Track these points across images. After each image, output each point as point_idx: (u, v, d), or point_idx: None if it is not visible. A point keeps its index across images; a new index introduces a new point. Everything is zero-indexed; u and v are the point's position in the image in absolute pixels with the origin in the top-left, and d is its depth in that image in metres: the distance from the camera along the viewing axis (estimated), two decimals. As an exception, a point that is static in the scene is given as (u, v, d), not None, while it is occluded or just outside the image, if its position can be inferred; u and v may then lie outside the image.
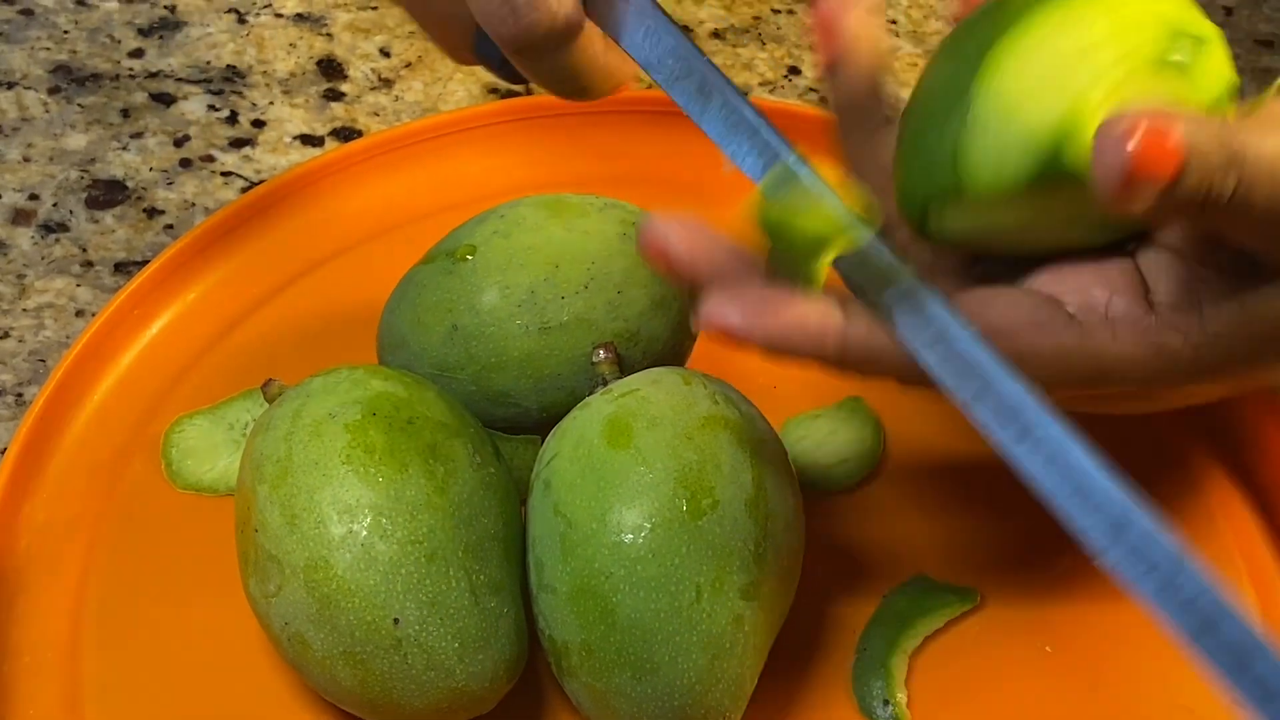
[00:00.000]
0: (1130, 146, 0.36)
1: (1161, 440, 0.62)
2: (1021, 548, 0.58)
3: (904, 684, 0.54)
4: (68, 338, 0.64)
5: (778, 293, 0.42)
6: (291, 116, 0.74)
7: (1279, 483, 0.60)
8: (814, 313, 0.42)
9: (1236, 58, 0.54)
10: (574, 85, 0.49)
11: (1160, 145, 0.37)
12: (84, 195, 0.70)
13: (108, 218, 0.69)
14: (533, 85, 0.74)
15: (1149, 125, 0.37)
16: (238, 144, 0.73)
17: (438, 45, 0.56)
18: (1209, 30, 0.43)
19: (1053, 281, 0.44)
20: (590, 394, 0.52)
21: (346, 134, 0.73)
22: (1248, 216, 0.39)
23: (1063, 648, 0.55)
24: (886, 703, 0.53)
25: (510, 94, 0.76)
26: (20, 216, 0.69)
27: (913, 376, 0.43)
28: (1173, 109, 0.37)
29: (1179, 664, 0.55)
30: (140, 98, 0.74)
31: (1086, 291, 0.44)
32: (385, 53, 0.78)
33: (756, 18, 0.81)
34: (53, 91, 0.74)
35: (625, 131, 0.72)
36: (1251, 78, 0.77)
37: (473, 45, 0.54)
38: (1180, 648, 0.38)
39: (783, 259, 0.42)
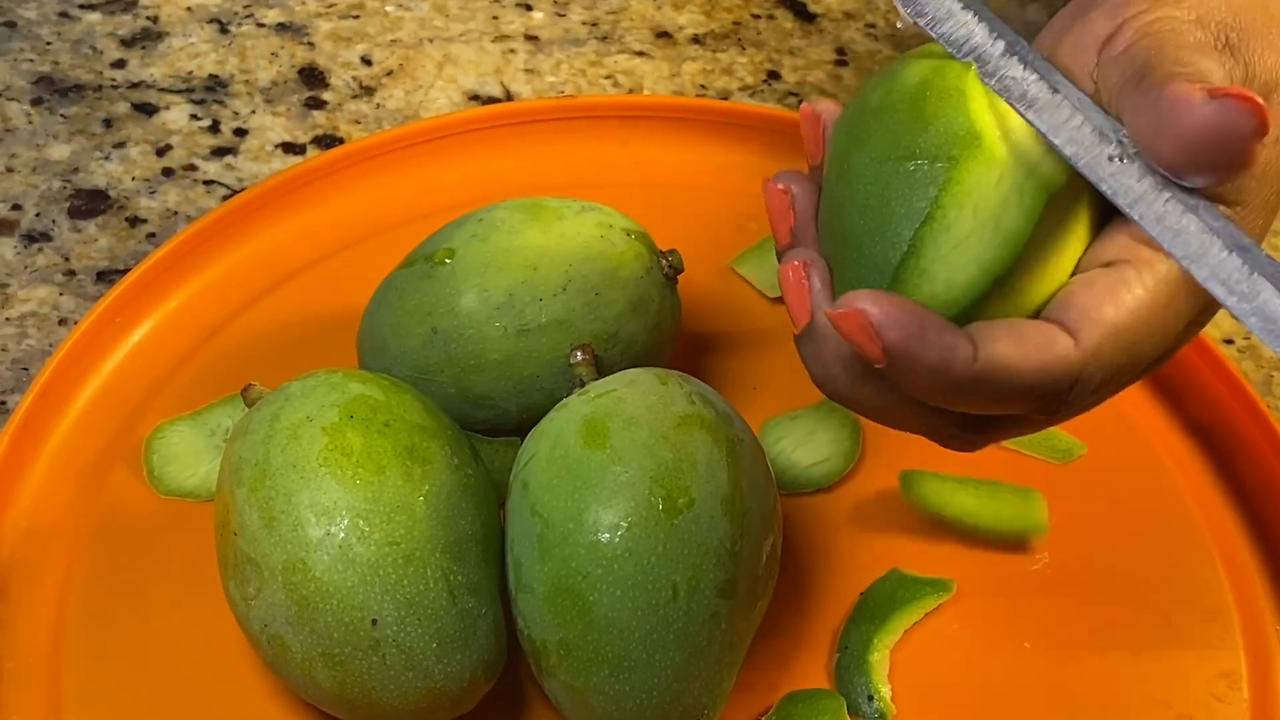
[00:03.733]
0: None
1: (1139, 435, 0.62)
2: (997, 544, 0.58)
3: (887, 678, 0.54)
4: (50, 346, 0.64)
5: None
6: (273, 125, 0.74)
7: (1256, 477, 0.60)
8: (950, 332, 0.40)
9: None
10: None
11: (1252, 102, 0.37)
12: (67, 205, 0.70)
13: (90, 227, 0.69)
14: (512, 90, 0.74)
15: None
16: (220, 153, 0.73)
17: None
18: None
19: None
20: (568, 395, 0.52)
21: (328, 142, 0.74)
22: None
23: (1041, 643, 0.56)
24: (871, 698, 0.53)
25: (490, 100, 0.76)
26: (3, 226, 0.69)
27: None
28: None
29: (1154, 658, 0.56)
30: (123, 108, 0.75)
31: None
32: (366, 61, 0.78)
33: (736, 23, 0.82)
34: (35, 102, 0.75)
35: (603, 137, 0.72)
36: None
37: None
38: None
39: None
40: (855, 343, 0.40)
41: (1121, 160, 0.39)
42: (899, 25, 0.82)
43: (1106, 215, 0.42)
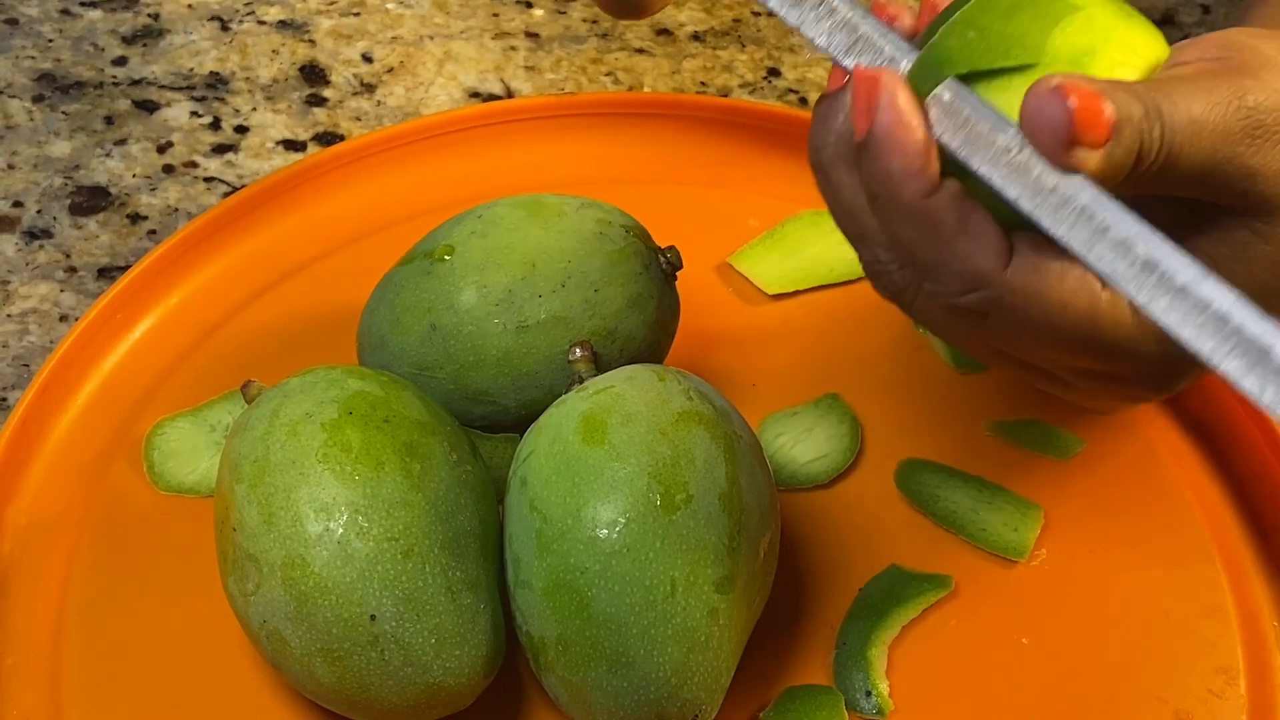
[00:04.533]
0: (1070, 103, 0.38)
1: (1137, 432, 0.62)
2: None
3: (885, 674, 0.54)
4: (51, 342, 0.64)
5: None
6: (274, 122, 0.74)
7: (1254, 473, 0.60)
8: (927, 165, 0.41)
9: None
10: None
11: (1093, 108, 0.38)
12: (68, 202, 0.70)
13: (91, 224, 0.69)
14: (513, 87, 0.74)
15: (1086, 87, 0.38)
16: (221, 150, 0.73)
17: None
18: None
19: None
20: (567, 391, 0.52)
21: (329, 139, 0.74)
22: (1176, 174, 0.40)
23: (1038, 639, 0.56)
24: (869, 693, 0.53)
25: (491, 97, 0.76)
26: (4, 223, 0.69)
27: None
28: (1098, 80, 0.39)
29: (1152, 654, 0.56)
30: (124, 105, 0.75)
31: None
32: (367, 58, 0.78)
33: (736, 20, 0.82)
34: (37, 99, 0.75)
35: (603, 134, 0.72)
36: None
37: None
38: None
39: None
40: (855, 102, 0.41)
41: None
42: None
43: None
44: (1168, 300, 0.37)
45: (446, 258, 0.56)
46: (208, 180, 0.72)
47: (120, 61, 0.77)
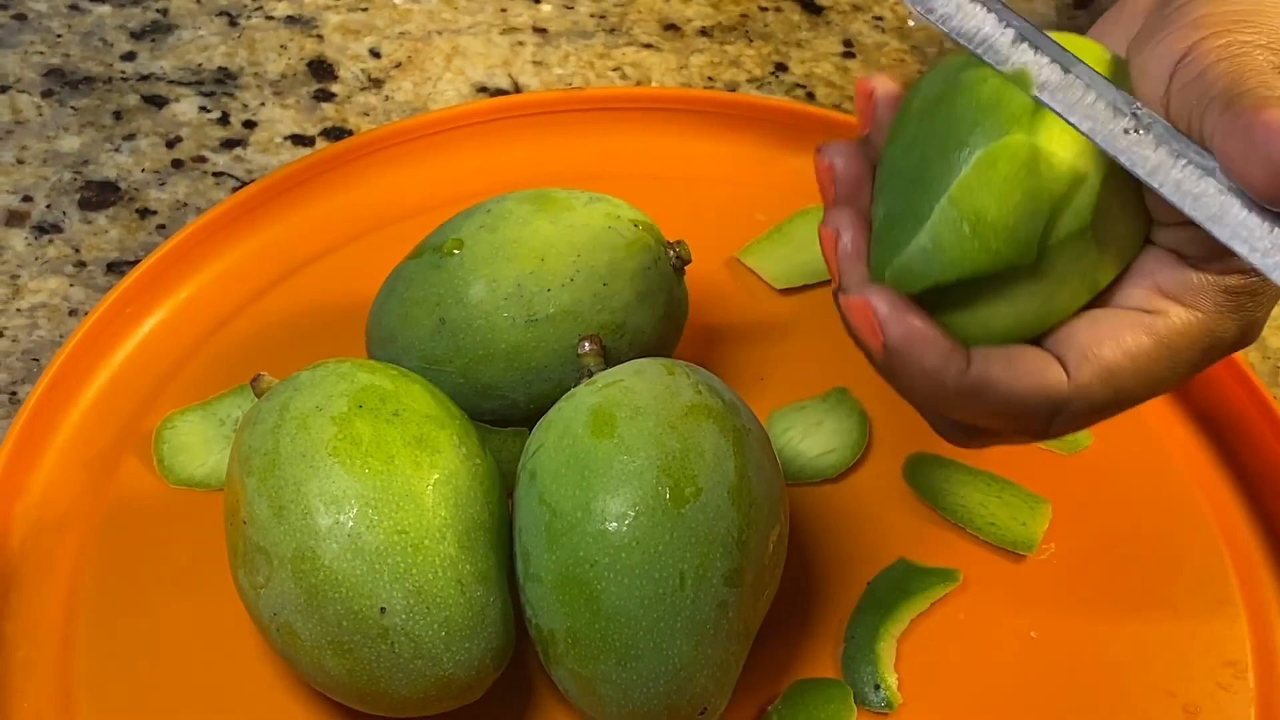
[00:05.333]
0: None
1: (1145, 426, 0.62)
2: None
3: (894, 667, 0.54)
4: (61, 337, 0.64)
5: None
6: (282, 117, 0.75)
7: (1261, 467, 0.60)
8: (948, 343, 0.42)
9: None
10: None
11: None
12: (77, 196, 0.70)
13: (100, 218, 0.69)
14: (520, 82, 0.74)
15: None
16: (229, 145, 0.73)
17: None
18: None
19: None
20: (576, 385, 0.52)
21: (337, 134, 0.74)
22: None
23: (1046, 633, 0.56)
24: (878, 686, 0.53)
25: (499, 92, 0.77)
26: (14, 218, 0.69)
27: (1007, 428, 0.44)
28: None
29: (1160, 648, 0.56)
30: (132, 100, 0.75)
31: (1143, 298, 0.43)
32: (375, 53, 0.78)
33: (744, 15, 0.82)
34: (46, 94, 0.75)
35: (611, 128, 0.72)
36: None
37: None
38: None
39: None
40: (859, 332, 0.42)
41: (1137, 132, 0.40)
42: (910, 23, 0.82)
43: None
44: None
45: (455, 252, 0.56)
46: (216, 175, 0.72)
47: (129, 57, 0.77)
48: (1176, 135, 0.40)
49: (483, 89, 0.77)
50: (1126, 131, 0.40)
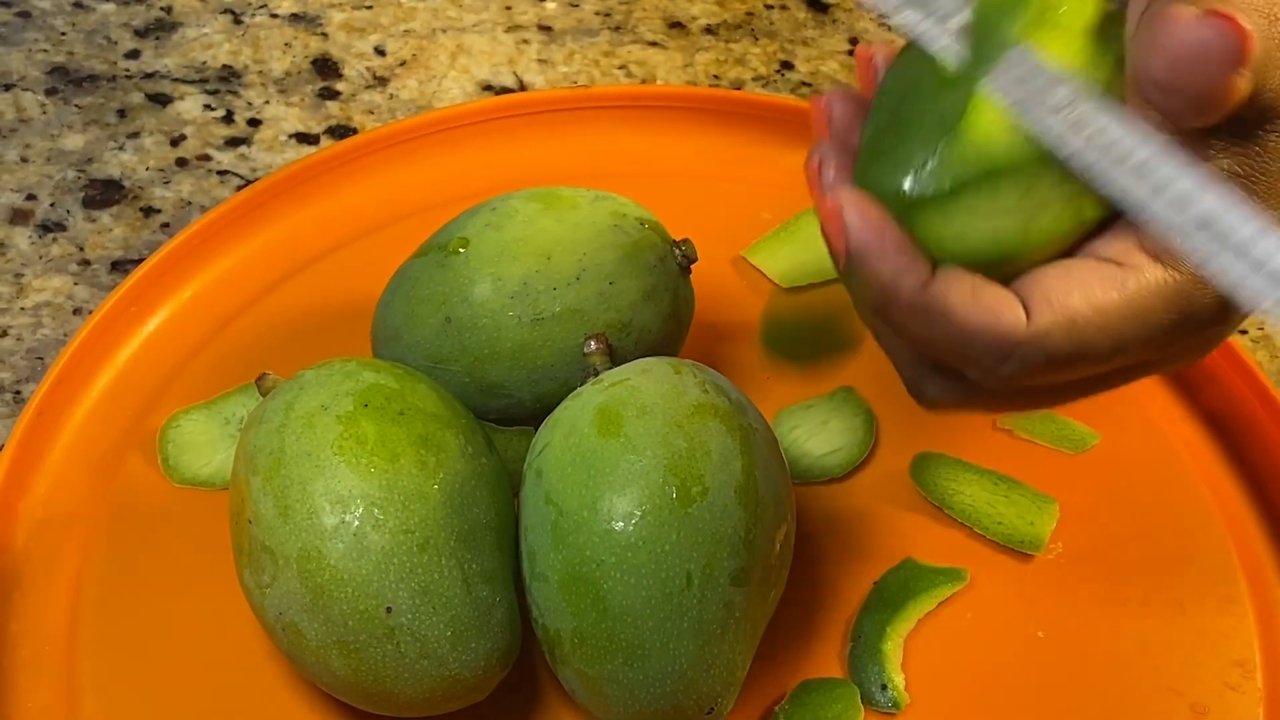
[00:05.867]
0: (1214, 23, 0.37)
1: (1152, 425, 0.62)
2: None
3: (901, 667, 0.54)
4: (65, 335, 0.64)
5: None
6: (287, 115, 0.74)
7: (1269, 466, 0.60)
8: (911, 255, 0.41)
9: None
10: None
11: (1234, 25, 0.37)
12: (81, 195, 0.70)
13: (105, 217, 0.69)
14: (525, 80, 0.74)
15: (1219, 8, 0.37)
16: (234, 143, 0.73)
17: None
18: None
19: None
20: (582, 384, 0.52)
21: (342, 132, 0.74)
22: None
23: (1054, 632, 0.56)
24: (884, 686, 0.53)
25: (504, 91, 0.76)
26: (18, 216, 0.69)
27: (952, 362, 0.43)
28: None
29: (1168, 647, 0.56)
30: (137, 98, 0.75)
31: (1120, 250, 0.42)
32: (380, 51, 0.78)
33: (749, 13, 0.82)
34: (50, 93, 0.75)
35: (617, 127, 0.72)
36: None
37: None
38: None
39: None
40: (826, 232, 0.42)
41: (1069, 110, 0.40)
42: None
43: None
44: (1228, 257, 0.37)
45: (461, 250, 0.56)
46: (221, 173, 0.72)
47: (133, 55, 0.77)
48: (1114, 123, 0.39)
49: (488, 87, 0.77)
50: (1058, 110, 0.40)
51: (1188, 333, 0.42)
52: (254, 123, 0.74)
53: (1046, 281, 0.41)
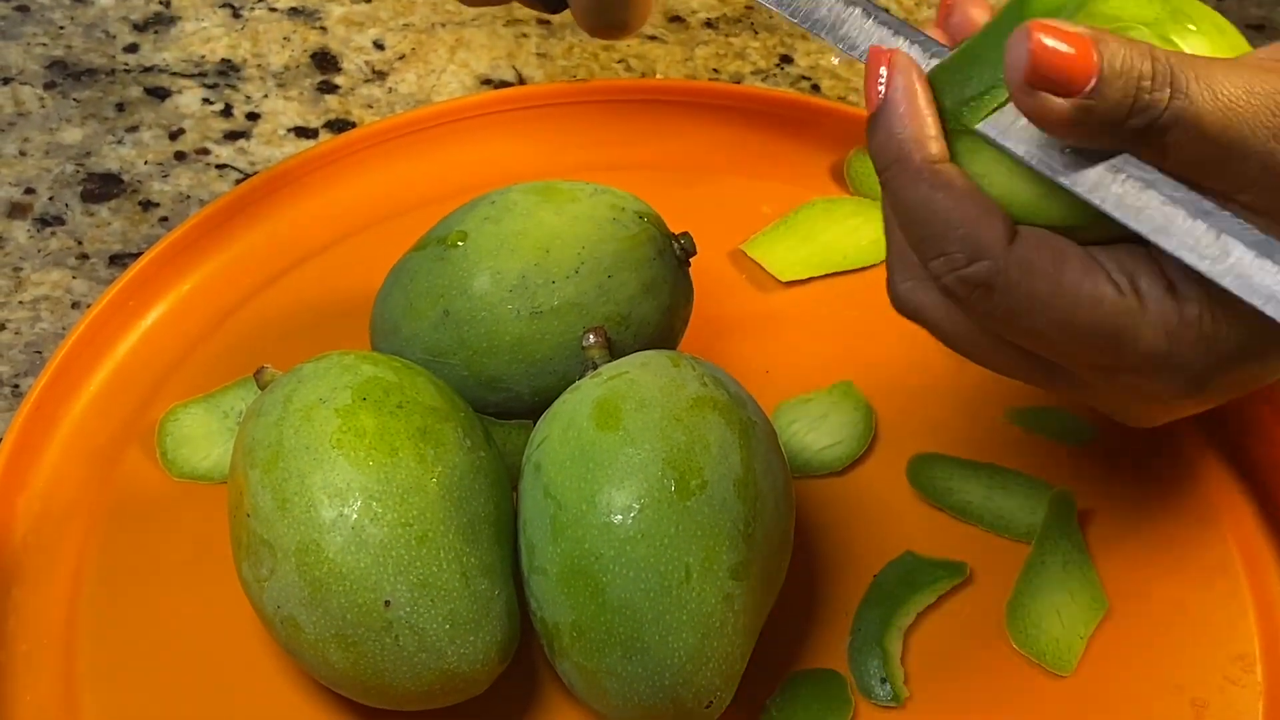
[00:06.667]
0: (1047, 41, 0.38)
1: (1158, 426, 0.62)
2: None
3: (901, 661, 0.54)
4: (64, 329, 0.64)
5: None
6: (286, 109, 0.74)
7: (1270, 460, 0.60)
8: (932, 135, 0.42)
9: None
10: (616, 17, 0.52)
11: (1081, 49, 0.38)
12: (79, 188, 0.70)
13: (103, 211, 0.69)
14: (525, 74, 0.74)
15: (1069, 31, 0.38)
16: (232, 137, 0.73)
17: None
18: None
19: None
20: (580, 377, 0.52)
21: (340, 126, 0.74)
22: (1196, 148, 0.39)
23: (1054, 626, 0.56)
24: (884, 680, 0.53)
25: (503, 84, 0.76)
26: (16, 210, 0.69)
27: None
28: (1100, 31, 0.39)
29: (1168, 642, 0.56)
30: (135, 92, 0.75)
31: (1120, 262, 0.42)
32: (379, 45, 0.78)
33: (749, 7, 0.82)
34: (48, 86, 0.75)
35: (616, 120, 0.72)
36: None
37: None
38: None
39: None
40: (868, 76, 0.43)
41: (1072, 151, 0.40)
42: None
43: None
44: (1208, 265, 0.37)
45: (460, 244, 0.56)
46: (219, 167, 0.71)
47: (132, 49, 0.77)
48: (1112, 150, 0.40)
49: (486, 81, 0.77)
50: (1063, 150, 0.40)
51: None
52: (253, 116, 0.74)
53: (1051, 240, 0.42)
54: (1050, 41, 0.38)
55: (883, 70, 0.43)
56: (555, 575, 0.48)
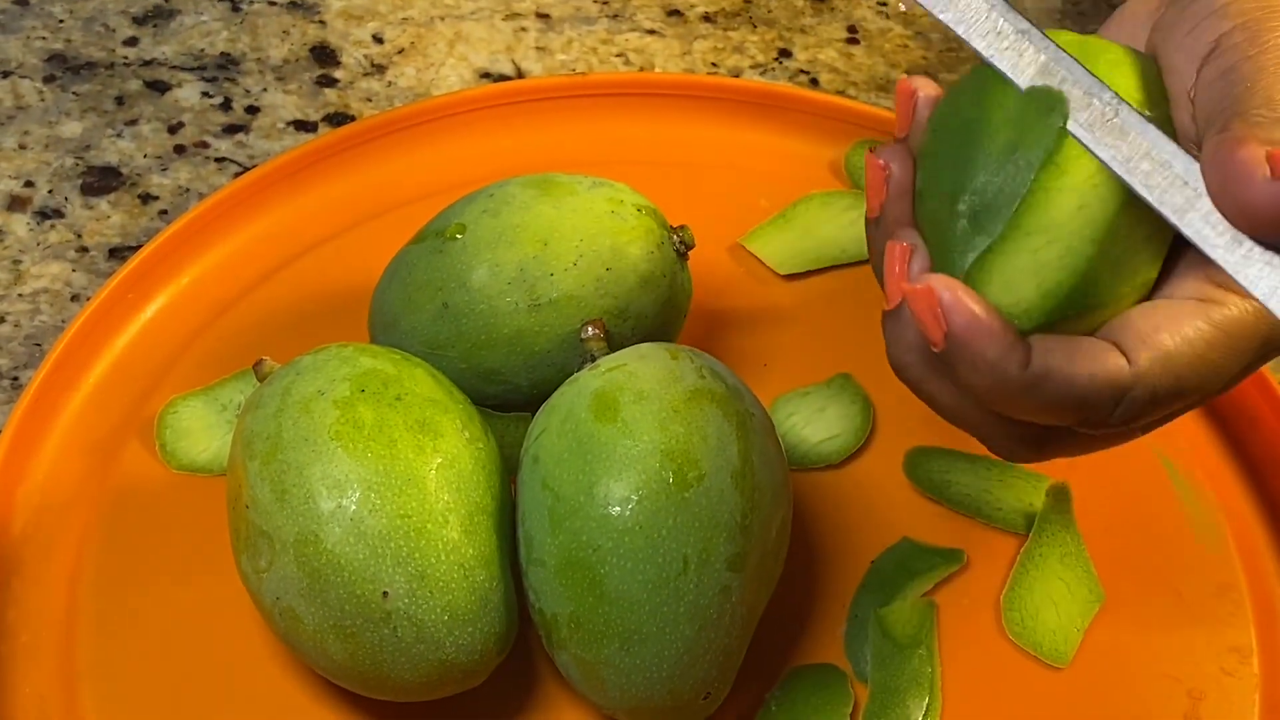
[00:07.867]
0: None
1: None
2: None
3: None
4: (63, 322, 0.64)
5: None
6: (285, 103, 0.74)
7: (1266, 452, 0.60)
8: (1010, 335, 0.41)
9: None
10: None
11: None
12: (79, 182, 0.70)
13: (103, 204, 0.69)
14: (523, 68, 0.74)
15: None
16: (231, 130, 0.73)
17: None
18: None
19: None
20: (579, 370, 0.52)
21: (339, 119, 0.74)
22: None
23: (1051, 618, 0.56)
24: None
25: (501, 78, 0.76)
26: (16, 203, 0.69)
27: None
28: None
29: (1164, 633, 0.56)
30: (135, 85, 0.75)
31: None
32: (378, 39, 0.78)
33: (747, 1, 0.82)
34: (48, 80, 0.75)
35: (614, 114, 0.72)
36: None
37: None
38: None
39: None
40: (921, 322, 0.41)
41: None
42: (901, 6, 0.82)
43: (1173, 256, 0.42)
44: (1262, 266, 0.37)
45: (458, 236, 0.56)
46: (219, 160, 0.72)
47: (131, 42, 0.77)
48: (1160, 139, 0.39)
49: (485, 75, 0.77)
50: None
51: (1267, 357, 0.42)
52: (252, 110, 0.74)
53: (1136, 324, 0.41)
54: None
55: (935, 301, 0.41)
56: (553, 567, 0.48)
